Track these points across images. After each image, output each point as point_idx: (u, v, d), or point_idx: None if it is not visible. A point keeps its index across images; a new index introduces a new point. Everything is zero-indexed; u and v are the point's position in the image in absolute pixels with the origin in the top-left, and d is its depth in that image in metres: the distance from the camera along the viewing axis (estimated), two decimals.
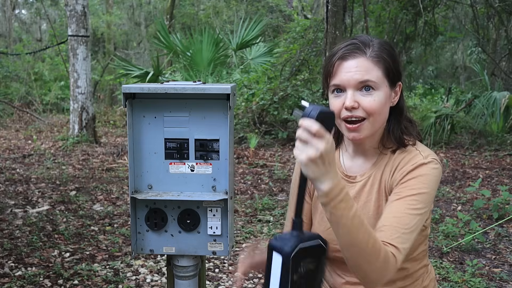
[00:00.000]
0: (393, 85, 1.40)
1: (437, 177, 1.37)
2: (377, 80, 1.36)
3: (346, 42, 1.42)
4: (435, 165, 1.36)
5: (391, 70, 1.38)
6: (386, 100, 1.38)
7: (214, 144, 1.51)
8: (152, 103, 1.51)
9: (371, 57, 1.37)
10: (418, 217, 1.29)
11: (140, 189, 1.56)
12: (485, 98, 9.12)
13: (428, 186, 1.34)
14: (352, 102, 1.35)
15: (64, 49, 14.44)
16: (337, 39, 9.12)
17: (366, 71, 1.35)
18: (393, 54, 1.41)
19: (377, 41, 1.41)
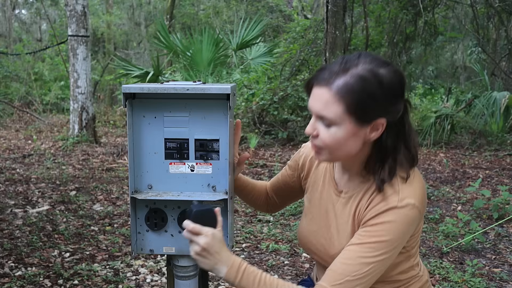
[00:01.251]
0: (366, 122, 1.29)
1: (408, 223, 1.30)
2: (335, 117, 1.27)
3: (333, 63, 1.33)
4: (409, 211, 1.29)
5: (359, 108, 1.26)
6: (348, 137, 1.30)
7: (214, 144, 1.51)
8: (152, 103, 1.52)
9: (335, 91, 1.26)
10: (372, 264, 1.27)
11: (140, 189, 1.56)
12: (485, 98, 9.12)
13: (392, 233, 1.28)
14: (310, 130, 1.34)
15: (64, 49, 14.44)
16: (337, 39, 9.12)
17: (325, 105, 1.28)
18: (368, 90, 1.25)
19: (355, 72, 1.26)
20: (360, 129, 1.29)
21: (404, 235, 1.31)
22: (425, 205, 1.37)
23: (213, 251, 1.31)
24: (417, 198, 1.32)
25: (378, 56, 1.33)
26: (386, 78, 1.26)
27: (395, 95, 1.29)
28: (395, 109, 1.30)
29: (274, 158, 7.50)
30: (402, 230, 1.29)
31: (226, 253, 1.32)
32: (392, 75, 1.28)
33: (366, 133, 1.31)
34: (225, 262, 1.32)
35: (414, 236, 1.40)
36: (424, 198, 1.36)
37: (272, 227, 4.51)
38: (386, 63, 1.30)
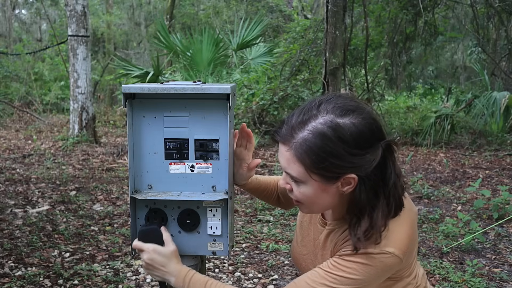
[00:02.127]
0: (333, 179, 1.20)
1: (383, 269, 1.23)
2: (298, 175, 1.21)
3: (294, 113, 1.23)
4: (386, 258, 1.21)
5: (320, 167, 1.17)
6: (318, 193, 1.23)
7: (214, 144, 1.51)
8: (152, 103, 1.51)
9: (294, 150, 1.19)
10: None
11: (140, 189, 1.56)
12: (485, 98, 9.12)
13: (362, 275, 1.22)
14: (283, 184, 1.30)
15: (64, 49, 14.44)
16: (337, 39, 9.12)
17: (288, 163, 1.22)
18: (327, 149, 1.15)
19: (314, 126, 1.16)
20: (328, 186, 1.22)
21: (377, 279, 1.25)
22: (410, 248, 1.26)
23: (157, 265, 1.40)
24: (397, 246, 1.22)
25: (342, 101, 1.21)
26: (348, 131, 1.15)
27: (361, 147, 1.16)
28: (363, 162, 1.17)
29: (274, 158, 7.50)
30: (374, 274, 1.23)
31: (173, 266, 1.40)
32: (357, 125, 1.16)
33: (338, 187, 1.22)
34: (171, 273, 1.39)
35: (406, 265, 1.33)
36: (408, 243, 1.25)
37: (272, 227, 4.51)
38: (351, 110, 1.18)
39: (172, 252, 1.43)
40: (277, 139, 1.25)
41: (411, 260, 1.33)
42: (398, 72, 13.02)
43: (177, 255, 1.44)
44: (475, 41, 13.44)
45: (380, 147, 1.19)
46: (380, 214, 1.21)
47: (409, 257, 1.29)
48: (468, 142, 8.75)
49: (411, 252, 1.29)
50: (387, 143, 1.21)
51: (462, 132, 9.39)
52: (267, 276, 3.54)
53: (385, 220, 1.21)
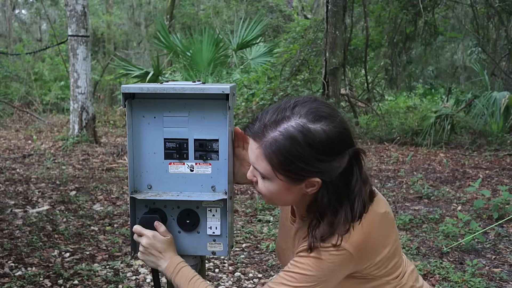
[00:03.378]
0: (298, 180, 1.23)
1: (336, 264, 1.24)
2: (265, 172, 1.25)
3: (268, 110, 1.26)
4: (338, 252, 1.23)
5: (286, 169, 1.20)
6: (281, 191, 1.27)
7: (214, 144, 1.51)
8: (152, 103, 1.51)
9: (263, 148, 1.22)
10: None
11: (139, 189, 1.56)
12: (485, 98, 9.12)
13: (316, 270, 1.24)
14: (250, 176, 1.34)
15: (64, 49, 14.44)
16: (337, 39, 9.13)
17: (256, 158, 1.25)
18: (296, 152, 1.18)
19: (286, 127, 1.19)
20: (292, 186, 1.25)
21: (332, 275, 1.26)
22: (370, 246, 1.28)
23: (154, 250, 1.45)
24: (351, 244, 1.24)
25: (316, 106, 1.23)
26: (317, 137, 1.18)
27: (328, 154, 1.19)
28: (329, 168, 1.20)
29: None
30: (327, 270, 1.25)
31: (169, 253, 1.46)
32: (327, 132, 1.19)
33: (302, 188, 1.25)
34: (166, 260, 1.45)
35: (374, 266, 1.33)
36: (364, 240, 1.26)
37: (272, 227, 4.51)
38: (323, 117, 1.20)
39: (171, 241, 1.49)
40: (249, 134, 1.28)
41: (384, 260, 1.33)
42: (398, 72, 13.02)
43: (174, 245, 1.50)
44: (475, 41, 13.44)
45: (347, 155, 1.22)
46: (342, 219, 1.23)
47: (371, 256, 1.29)
48: (468, 142, 8.74)
49: (372, 251, 1.29)
50: (355, 151, 1.24)
51: (462, 132, 9.39)
52: (267, 276, 3.54)
53: (348, 225, 1.24)
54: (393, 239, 1.36)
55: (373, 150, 8.40)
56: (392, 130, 9.85)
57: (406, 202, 5.36)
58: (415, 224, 4.60)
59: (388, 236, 1.35)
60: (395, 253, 1.37)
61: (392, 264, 1.37)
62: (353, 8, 10.46)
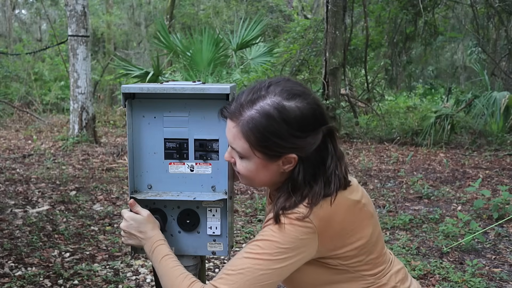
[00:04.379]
0: (274, 157, 1.27)
1: (299, 232, 1.23)
2: (242, 151, 1.28)
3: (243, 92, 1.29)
4: (298, 219, 1.23)
5: (263, 145, 1.24)
6: (259, 169, 1.30)
7: (214, 144, 1.51)
8: (152, 103, 1.51)
9: (240, 127, 1.26)
10: (253, 260, 1.23)
11: (139, 189, 1.56)
12: (485, 98, 9.12)
13: (279, 237, 1.23)
14: (228, 157, 1.37)
15: (64, 49, 14.44)
16: (337, 39, 9.13)
17: (233, 138, 1.29)
18: (271, 128, 1.22)
19: (261, 106, 1.23)
20: (270, 163, 1.28)
21: (296, 248, 1.24)
22: (329, 232, 1.27)
23: (133, 231, 1.45)
24: (315, 217, 1.24)
25: (290, 85, 1.28)
26: (292, 114, 1.22)
27: (303, 130, 1.24)
28: (304, 144, 1.25)
29: None
30: (292, 239, 1.23)
31: (150, 232, 1.43)
32: (301, 109, 1.24)
33: (279, 165, 1.29)
34: (145, 239, 1.43)
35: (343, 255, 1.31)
36: (329, 224, 1.26)
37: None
38: (297, 95, 1.25)
39: (145, 218, 1.46)
40: (225, 115, 1.31)
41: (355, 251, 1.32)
42: (398, 72, 13.03)
43: (152, 220, 1.47)
44: (475, 41, 13.44)
45: (321, 132, 1.27)
46: (315, 193, 1.26)
47: (335, 240, 1.29)
48: (468, 142, 8.74)
49: (337, 234, 1.29)
50: (329, 128, 1.28)
51: (462, 132, 9.39)
52: None
53: (318, 198, 1.26)
54: (369, 233, 1.34)
55: (373, 150, 8.40)
56: (392, 130, 9.85)
57: (406, 202, 5.37)
58: (415, 224, 4.60)
59: (360, 226, 1.33)
60: (372, 249, 1.36)
61: (369, 259, 1.36)
62: (353, 8, 10.46)
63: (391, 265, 1.44)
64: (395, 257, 1.52)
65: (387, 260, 1.44)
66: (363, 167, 6.99)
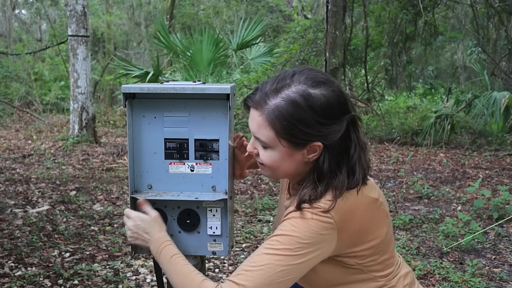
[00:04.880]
0: (300, 146, 1.26)
1: (318, 226, 1.22)
2: (267, 140, 1.27)
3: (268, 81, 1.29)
4: (321, 214, 1.23)
5: (289, 133, 1.24)
6: (284, 158, 1.29)
7: (214, 144, 1.51)
8: (152, 103, 1.52)
9: (266, 115, 1.25)
10: (273, 256, 1.22)
11: (140, 189, 1.56)
12: (485, 98, 9.12)
13: (298, 231, 1.22)
14: (251, 148, 1.36)
15: (64, 49, 14.44)
16: (337, 39, 9.12)
17: (258, 128, 1.28)
18: (298, 116, 1.22)
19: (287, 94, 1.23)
20: (295, 152, 1.28)
21: (316, 243, 1.23)
22: (354, 224, 1.26)
23: (140, 231, 1.45)
24: (337, 212, 1.24)
25: (314, 74, 1.27)
26: (318, 101, 1.22)
27: (329, 118, 1.24)
28: (330, 131, 1.24)
29: None
30: (312, 233, 1.22)
31: (157, 233, 1.44)
32: (326, 97, 1.23)
33: (303, 154, 1.28)
34: (152, 241, 1.43)
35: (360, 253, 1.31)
36: (349, 220, 1.26)
37: (272, 227, 4.51)
38: (322, 82, 1.25)
39: (154, 219, 1.47)
40: (250, 104, 1.30)
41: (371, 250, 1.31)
42: (398, 72, 13.02)
43: (159, 222, 1.47)
44: (475, 41, 13.44)
45: (345, 120, 1.27)
46: (339, 184, 1.26)
47: (354, 237, 1.28)
48: (468, 142, 8.74)
49: (356, 231, 1.28)
50: (352, 117, 1.28)
51: (462, 132, 9.38)
52: None
53: (342, 191, 1.26)
54: (384, 233, 1.35)
55: (373, 150, 8.40)
56: (392, 130, 9.85)
57: (406, 202, 5.36)
58: (415, 224, 4.60)
59: (377, 225, 1.33)
60: (386, 249, 1.36)
61: (382, 259, 1.36)
62: (353, 8, 10.46)
63: (399, 268, 1.44)
64: (403, 260, 1.51)
65: (396, 262, 1.43)
66: None
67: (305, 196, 1.26)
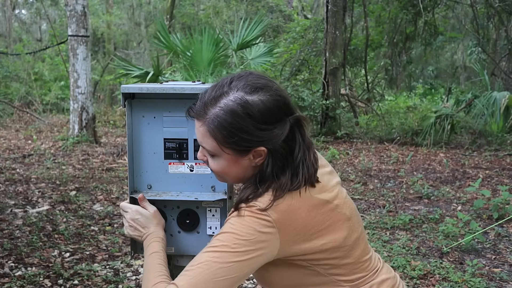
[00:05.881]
0: (244, 152, 1.26)
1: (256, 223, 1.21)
2: (212, 149, 1.27)
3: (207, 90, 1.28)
4: (255, 212, 1.22)
5: (231, 141, 1.24)
6: (231, 165, 1.29)
7: None
8: (152, 103, 1.51)
9: (207, 126, 1.25)
10: (211, 253, 1.20)
11: (139, 189, 1.56)
12: (485, 98, 9.13)
13: (236, 229, 1.22)
14: (201, 156, 1.36)
15: (64, 49, 14.45)
16: (337, 39, 9.13)
17: (202, 137, 1.28)
18: (237, 124, 1.22)
19: (225, 103, 1.23)
20: (240, 158, 1.28)
21: (257, 243, 1.21)
22: (289, 229, 1.24)
23: (137, 225, 1.45)
24: (275, 211, 1.23)
25: (252, 79, 1.27)
26: (256, 108, 1.22)
27: (269, 123, 1.23)
28: (271, 136, 1.24)
29: None
30: (250, 227, 1.21)
31: (153, 228, 1.44)
32: (264, 102, 1.23)
33: (250, 159, 1.28)
34: (146, 235, 1.43)
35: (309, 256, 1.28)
36: (288, 220, 1.24)
37: None
38: (259, 88, 1.25)
39: (152, 214, 1.47)
40: (192, 115, 1.30)
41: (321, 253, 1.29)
42: (398, 72, 13.03)
43: (157, 217, 1.48)
44: (475, 41, 13.44)
45: (288, 122, 1.26)
46: (281, 186, 1.25)
47: (296, 237, 1.25)
48: (468, 142, 8.74)
49: (298, 232, 1.25)
50: (296, 118, 1.27)
51: (462, 132, 9.39)
52: None
53: (283, 191, 1.24)
54: (342, 237, 1.30)
55: (373, 150, 8.40)
56: (392, 130, 9.85)
57: (406, 202, 5.37)
58: (415, 224, 4.60)
59: (328, 227, 1.29)
60: (347, 254, 1.32)
61: (343, 263, 1.32)
62: (353, 8, 10.46)
63: (375, 274, 1.39)
64: (387, 267, 1.45)
65: (371, 268, 1.38)
66: (363, 167, 6.99)
67: (243, 196, 1.27)
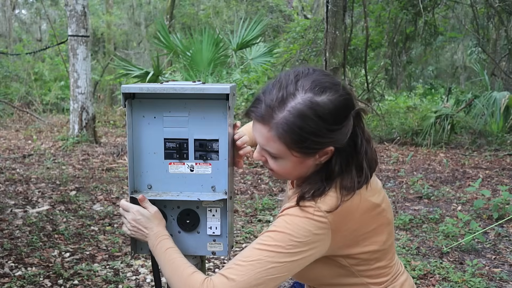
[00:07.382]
0: (312, 153, 1.24)
1: (311, 225, 1.20)
2: (278, 152, 1.25)
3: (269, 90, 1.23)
4: (314, 212, 1.21)
5: (300, 145, 1.21)
6: (295, 166, 1.27)
7: (214, 144, 1.51)
8: (152, 103, 1.51)
9: (274, 131, 1.21)
10: (264, 252, 1.20)
11: (139, 189, 1.56)
12: (485, 98, 9.12)
13: (291, 229, 1.21)
14: (258, 157, 1.33)
15: (64, 49, 14.44)
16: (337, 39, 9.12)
17: (267, 141, 1.25)
18: (308, 128, 1.18)
19: (293, 105, 1.18)
20: (307, 159, 1.26)
21: (308, 242, 1.21)
22: (342, 230, 1.24)
23: (139, 225, 1.45)
24: (331, 211, 1.22)
25: (318, 77, 1.23)
26: (326, 109, 1.19)
27: (338, 122, 1.21)
28: (341, 134, 1.22)
29: None
30: (305, 229, 1.20)
31: (156, 228, 1.44)
32: (334, 102, 1.20)
33: (315, 158, 1.27)
34: (150, 235, 1.43)
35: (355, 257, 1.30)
36: (343, 221, 1.24)
37: None
38: (327, 87, 1.21)
39: (153, 214, 1.47)
40: (254, 118, 1.26)
41: (367, 255, 1.30)
42: (398, 72, 13.03)
43: (158, 217, 1.48)
44: (475, 41, 13.44)
45: (351, 117, 1.24)
46: (349, 184, 1.25)
47: (347, 238, 1.26)
48: (468, 142, 8.74)
49: (350, 233, 1.26)
50: (357, 111, 1.25)
51: (462, 132, 9.39)
52: None
53: (349, 191, 1.24)
54: (383, 241, 1.32)
55: None
56: (392, 130, 9.85)
57: (406, 202, 5.36)
58: (415, 224, 4.60)
59: (375, 231, 1.31)
60: (382, 257, 1.34)
61: (376, 266, 1.34)
62: (353, 8, 10.45)
63: (396, 278, 1.41)
64: (404, 270, 1.47)
65: (394, 271, 1.40)
66: None
67: (308, 192, 1.24)
